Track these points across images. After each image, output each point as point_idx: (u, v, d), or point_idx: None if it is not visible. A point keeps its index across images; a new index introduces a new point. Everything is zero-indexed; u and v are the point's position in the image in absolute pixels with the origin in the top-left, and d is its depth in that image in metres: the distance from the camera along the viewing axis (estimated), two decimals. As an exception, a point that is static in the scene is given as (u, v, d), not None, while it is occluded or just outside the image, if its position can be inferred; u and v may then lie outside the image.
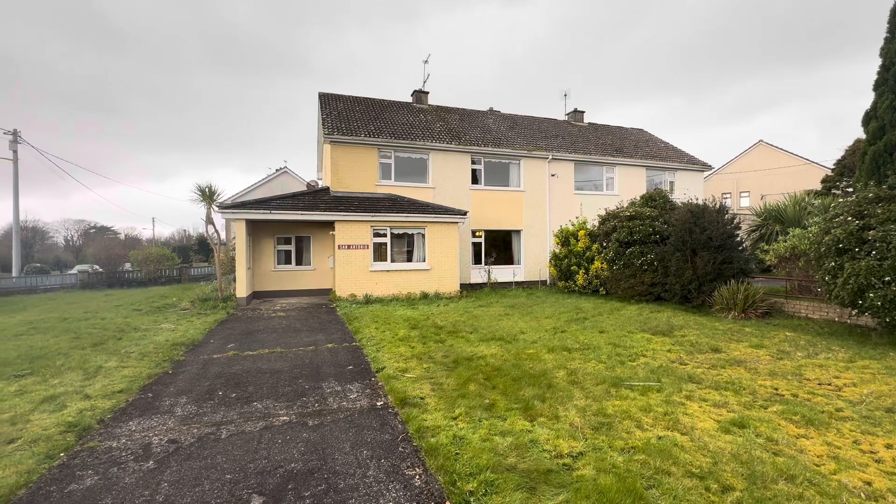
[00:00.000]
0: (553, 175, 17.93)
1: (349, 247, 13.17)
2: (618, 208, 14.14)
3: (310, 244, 15.47)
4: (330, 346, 7.35)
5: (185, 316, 10.78)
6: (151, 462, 3.38)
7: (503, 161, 17.54)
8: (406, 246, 14.54)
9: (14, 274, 23.94)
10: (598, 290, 13.69)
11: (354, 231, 13.21)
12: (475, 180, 17.09)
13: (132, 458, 3.44)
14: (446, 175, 16.38)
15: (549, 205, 17.85)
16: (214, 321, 9.90)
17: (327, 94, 18.03)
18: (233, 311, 11.56)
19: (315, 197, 14.22)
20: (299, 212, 12.90)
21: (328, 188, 15.03)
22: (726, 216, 10.89)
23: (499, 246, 17.92)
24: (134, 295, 17.81)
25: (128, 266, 27.74)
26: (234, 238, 15.74)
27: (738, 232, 10.90)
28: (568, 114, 22.97)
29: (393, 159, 15.71)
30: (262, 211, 12.63)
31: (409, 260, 14.39)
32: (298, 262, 15.46)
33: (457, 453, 3.36)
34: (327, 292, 14.98)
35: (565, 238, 15.40)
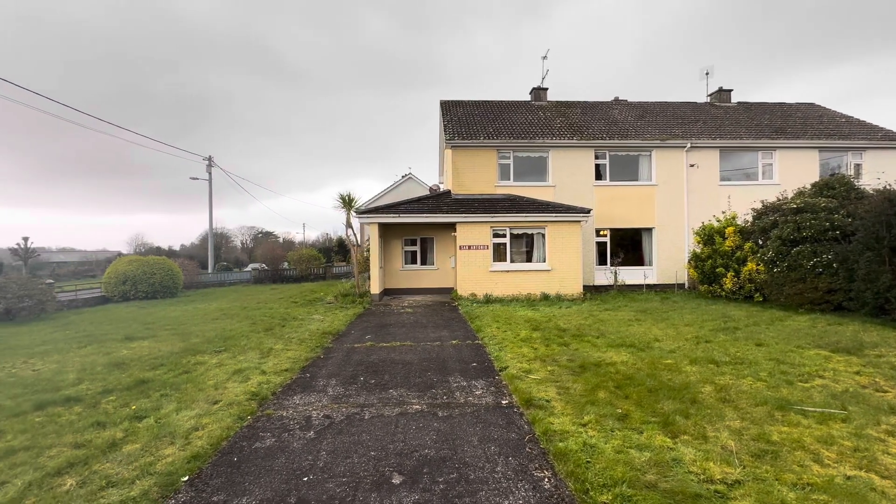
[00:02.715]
0: (692, 165, 15.94)
1: (470, 247, 13.57)
2: (779, 200, 11.99)
3: (433, 245, 16.34)
4: (454, 342, 7.67)
5: (330, 309, 12.33)
6: (312, 432, 3.95)
7: (631, 154, 16.20)
8: (525, 246, 14.40)
9: (209, 271, 30.29)
10: (751, 296, 11.75)
11: (474, 232, 13.56)
12: (599, 176, 16.10)
13: (298, 427, 4.07)
14: (567, 172, 15.76)
15: (687, 199, 15.91)
16: (353, 314, 11.12)
17: (448, 101, 18.82)
18: (368, 305, 12.84)
19: (438, 200, 14.97)
20: (424, 215, 13.74)
21: (449, 191, 15.69)
22: (947, 205, 8.41)
23: (626, 246, 16.60)
24: (291, 289, 21.01)
25: (285, 265, 32.90)
26: (367, 240, 17.48)
27: (966, 225, 8.33)
28: (710, 95, 20.14)
29: (511, 159, 15.70)
30: (392, 215, 13.78)
31: (529, 260, 14.22)
32: (423, 262, 16.45)
33: (588, 461, 3.23)
34: (449, 291, 15.63)
35: (709, 236, 13.55)
